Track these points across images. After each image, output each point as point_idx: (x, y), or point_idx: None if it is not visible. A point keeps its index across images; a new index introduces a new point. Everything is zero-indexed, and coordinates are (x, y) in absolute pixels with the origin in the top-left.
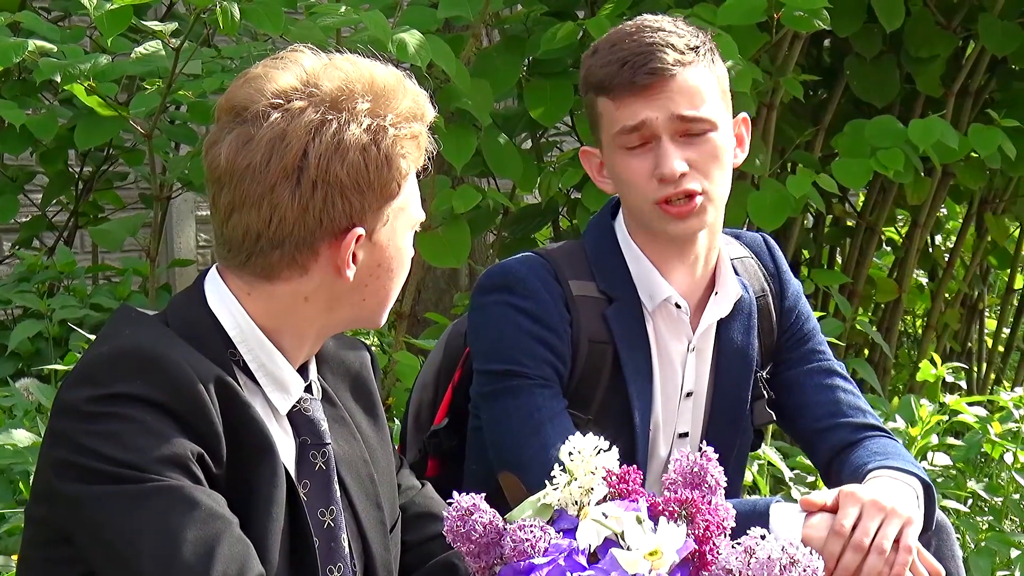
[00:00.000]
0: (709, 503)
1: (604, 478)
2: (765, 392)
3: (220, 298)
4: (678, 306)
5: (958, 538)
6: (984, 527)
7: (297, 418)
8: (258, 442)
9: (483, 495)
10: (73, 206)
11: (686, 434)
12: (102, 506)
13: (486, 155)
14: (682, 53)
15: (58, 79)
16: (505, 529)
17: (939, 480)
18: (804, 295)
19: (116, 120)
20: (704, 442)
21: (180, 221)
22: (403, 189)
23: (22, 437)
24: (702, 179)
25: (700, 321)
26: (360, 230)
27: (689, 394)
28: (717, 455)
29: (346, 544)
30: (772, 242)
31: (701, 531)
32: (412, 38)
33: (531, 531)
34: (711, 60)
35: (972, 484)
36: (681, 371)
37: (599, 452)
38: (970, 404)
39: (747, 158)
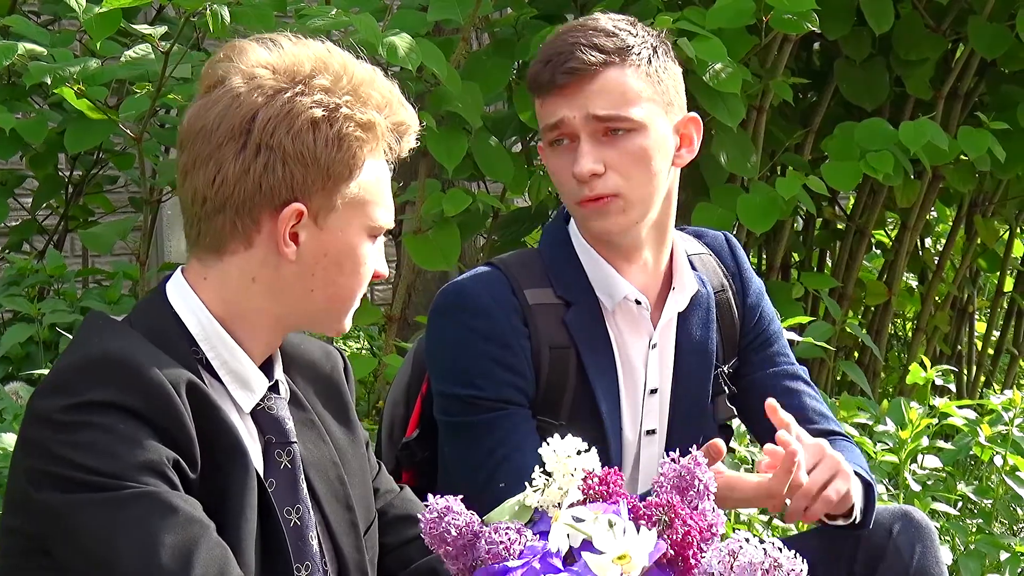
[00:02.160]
0: (695, 508)
1: (585, 480)
2: (726, 387)
3: (181, 295)
4: (638, 302)
5: (947, 540)
6: (974, 530)
7: (261, 416)
8: (230, 445)
9: (460, 497)
10: (63, 210)
11: (653, 431)
12: (79, 514)
13: (477, 158)
14: (607, 54)
15: (48, 82)
16: (480, 531)
17: (929, 483)
18: (767, 296)
19: (106, 124)
20: (668, 438)
21: (170, 225)
22: (357, 178)
23: (11, 441)
24: (619, 180)
25: (660, 317)
26: (300, 206)
27: (654, 391)
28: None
29: (315, 543)
30: (734, 241)
31: (680, 536)
32: (402, 41)
33: (506, 533)
34: (648, 60)
35: (962, 487)
36: (643, 368)
37: (579, 453)
38: (960, 407)
39: (737, 161)
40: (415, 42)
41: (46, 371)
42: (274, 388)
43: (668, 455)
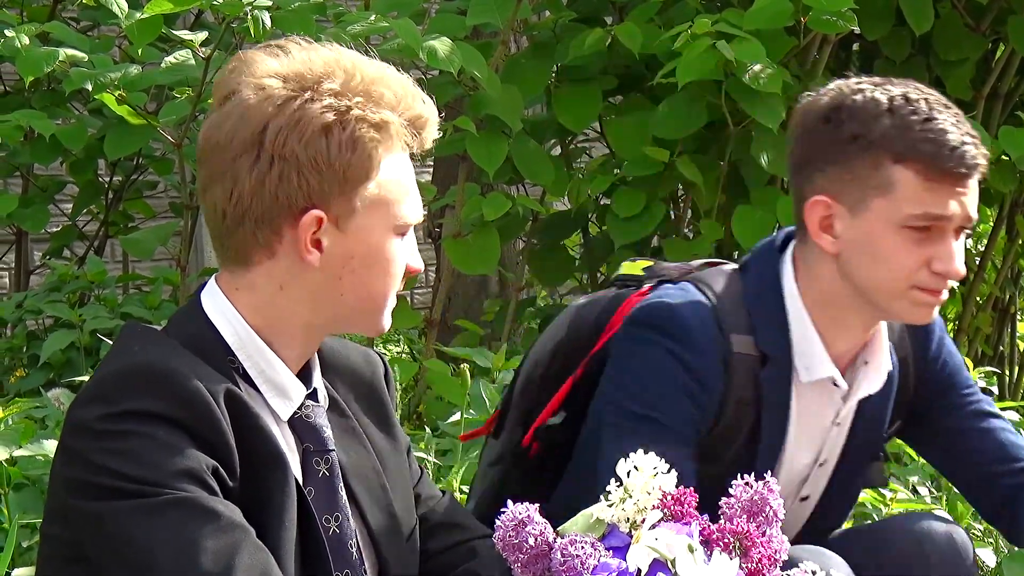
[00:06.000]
0: (763, 534)
1: (660, 499)
2: (883, 453)
3: (216, 305)
4: (836, 384)
5: (990, 543)
6: None
7: (299, 425)
8: (269, 453)
9: (536, 506)
10: (103, 215)
11: (808, 497)
12: (119, 522)
13: (517, 161)
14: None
15: (89, 88)
16: (555, 543)
17: None
18: (946, 333)
19: (146, 129)
20: (818, 503)
21: None
22: (375, 178)
23: (53, 448)
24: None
25: (850, 395)
26: (319, 212)
27: (823, 463)
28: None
29: (353, 551)
30: None
31: (754, 564)
32: (442, 45)
33: (581, 547)
34: None
35: None
36: (820, 444)
37: (657, 473)
38: (1003, 408)
39: (778, 162)
40: (455, 45)
41: (87, 377)
42: (312, 396)
43: (742, 477)
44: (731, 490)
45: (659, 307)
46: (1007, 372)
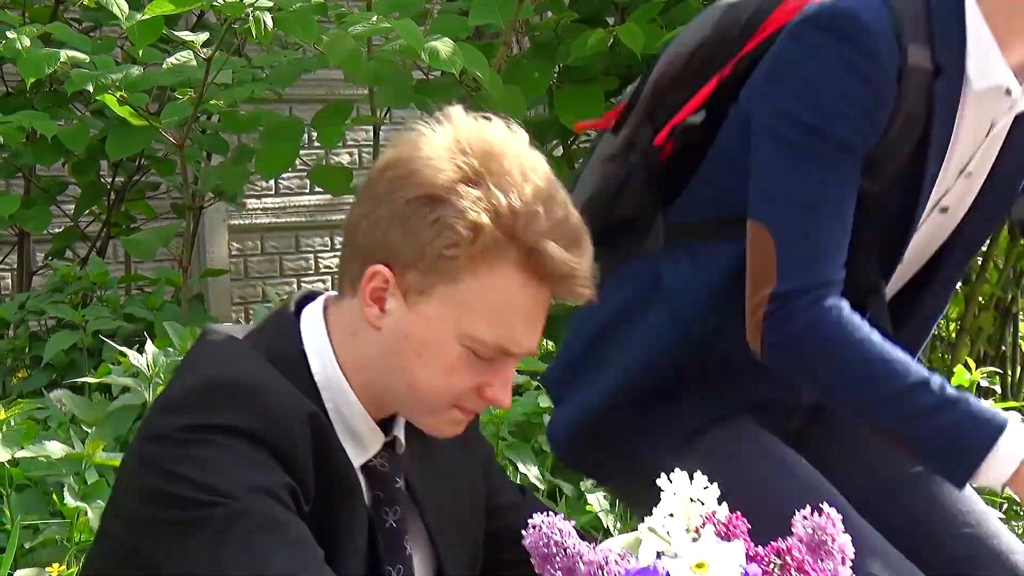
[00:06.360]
0: (822, 570)
1: (707, 518)
2: None
3: (313, 331)
4: (1008, 93)
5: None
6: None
7: (372, 472)
8: (346, 486)
9: (573, 524)
10: (105, 216)
11: (947, 208)
12: (189, 531)
13: None
14: None
15: (91, 89)
16: (579, 552)
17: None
18: None
19: (147, 130)
20: (961, 220)
21: (212, 231)
22: (462, 277)
23: (55, 449)
24: None
25: (1014, 106)
26: (387, 271)
27: (969, 174)
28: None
29: None
30: None
31: None
32: (444, 45)
33: (600, 553)
34: None
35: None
36: (971, 154)
37: (703, 488)
38: (1005, 409)
39: None
40: (457, 46)
41: (89, 379)
42: (391, 444)
43: (798, 512)
44: (795, 527)
45: (840, 11)
46: (1009, 372)
